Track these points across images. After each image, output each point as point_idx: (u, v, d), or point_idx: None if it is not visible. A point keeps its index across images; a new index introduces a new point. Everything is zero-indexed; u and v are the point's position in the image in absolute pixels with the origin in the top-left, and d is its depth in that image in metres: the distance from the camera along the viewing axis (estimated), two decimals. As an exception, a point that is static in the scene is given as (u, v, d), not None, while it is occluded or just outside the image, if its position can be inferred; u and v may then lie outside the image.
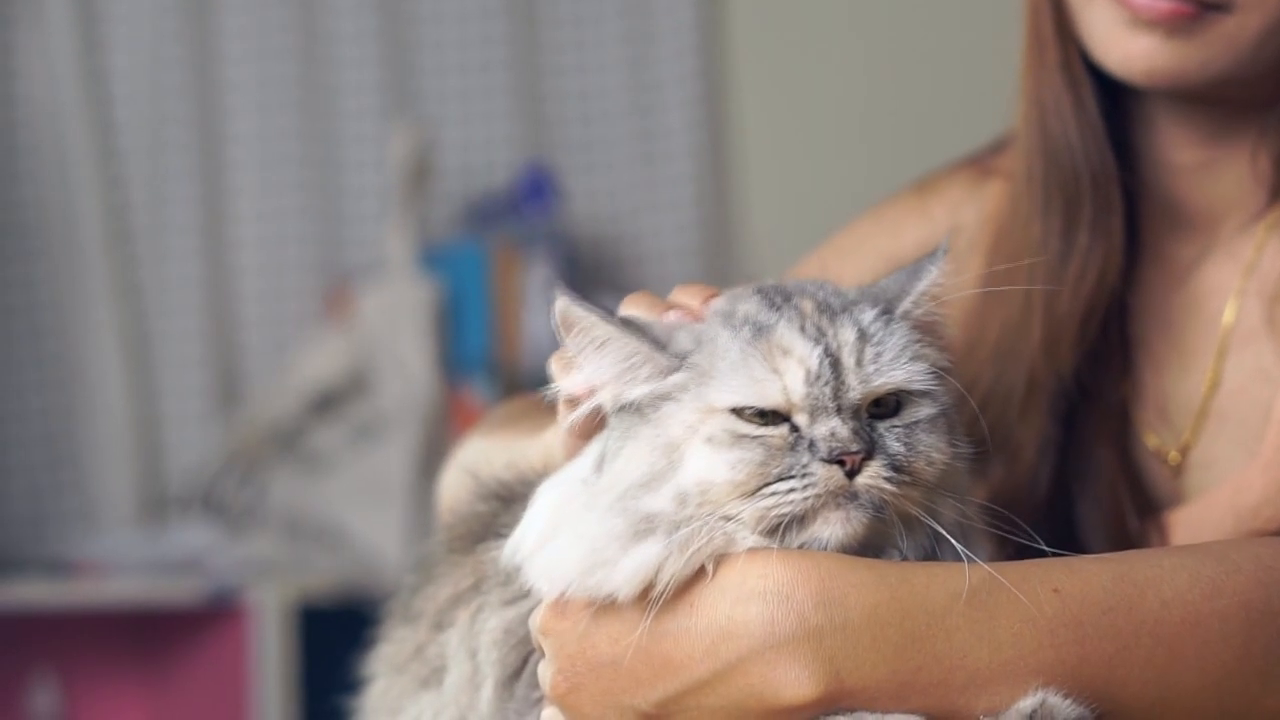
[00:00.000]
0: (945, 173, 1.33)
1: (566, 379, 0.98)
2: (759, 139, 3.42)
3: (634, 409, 0.95)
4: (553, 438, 1.11)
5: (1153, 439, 1.20)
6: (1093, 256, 1.18)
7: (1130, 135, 1.22)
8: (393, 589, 1.17)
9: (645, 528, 0.92)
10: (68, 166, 3.17)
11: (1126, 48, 1.13)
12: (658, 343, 0.95)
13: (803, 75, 3.39)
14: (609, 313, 0.96)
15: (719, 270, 3.24)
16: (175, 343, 3.22)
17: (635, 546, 0.92)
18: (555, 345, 1.00)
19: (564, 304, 0.96)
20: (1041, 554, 0.95)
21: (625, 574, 0.92)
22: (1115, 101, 1.20)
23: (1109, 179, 1.19)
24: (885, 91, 3.36)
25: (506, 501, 1.08)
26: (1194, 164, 1.20)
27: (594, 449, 0.98)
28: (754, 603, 0.90)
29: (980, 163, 1.31)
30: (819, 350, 0.93)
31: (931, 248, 1.01)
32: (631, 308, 1.00)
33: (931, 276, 0.98)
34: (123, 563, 2.95)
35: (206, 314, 3.23)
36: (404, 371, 2.97)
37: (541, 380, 1.02)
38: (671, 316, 0.98)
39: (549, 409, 1.19)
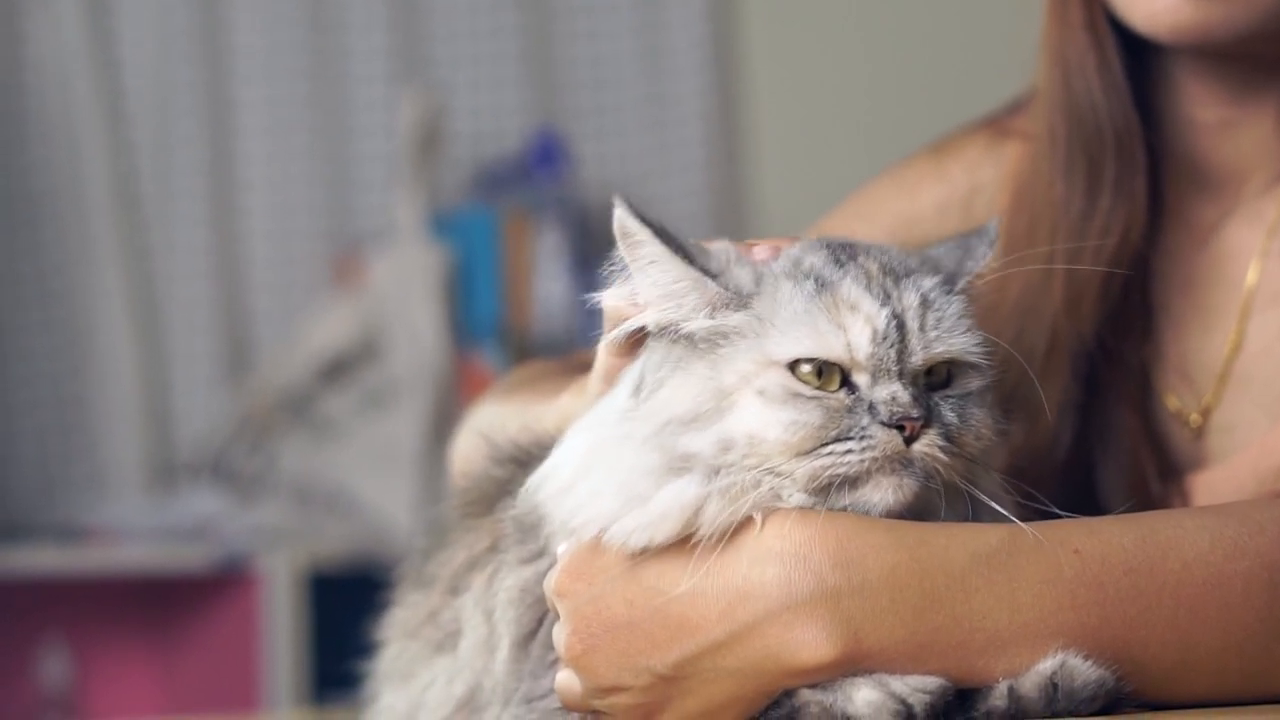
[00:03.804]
0: (962, 133, 1.32)
1: (613, 289, 0.96)
2: (770, 104, 3.40)
3: (684, 340, 0.94)
4: (569, 402, 1.10)
5: (1174, 401, 1.19)
6: (1115, 216, 1.17)
7: (1153, 94, 1.21)
8: (403, 555, 1.16)
9: (681, 465, 0.92)
10: (76, 133, 3.17)
11: (1151, 4, 1.12)
12: (709, 272, 0.94)
13: (814, 39, 3.38)
14: (665, 231, 0.94)
15: (730, 236, 3.22)
16: (185, 309, 3.22)
17: (670, 482, 0.91)
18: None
19: (621, 213, 0.94)
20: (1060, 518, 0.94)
21: (660, 510, 0.91)
22: (1139, 59, 1.19)
23: (1133, 138, 1.18)
24: (898, 56, 3.35)
25: (523, 465, 1.07)
26: (1218, 122, 1.19)
27: (630, 374, 0.97)
28: (771, 564, 0.89)
29: (997, 123, 1.30)
30: (886, 311, 0.92)
31: (968, 218, 1.00)
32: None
33: (986, 260, 0.98)
34: (133, 529, 2.95)
35: (216, 280, 3.22)
36: (414, 338, 2.96)
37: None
38: (758, 252, 0.96)
39: (564, 374, 1.18)
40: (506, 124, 3.30)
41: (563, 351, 2.48)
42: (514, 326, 3.02)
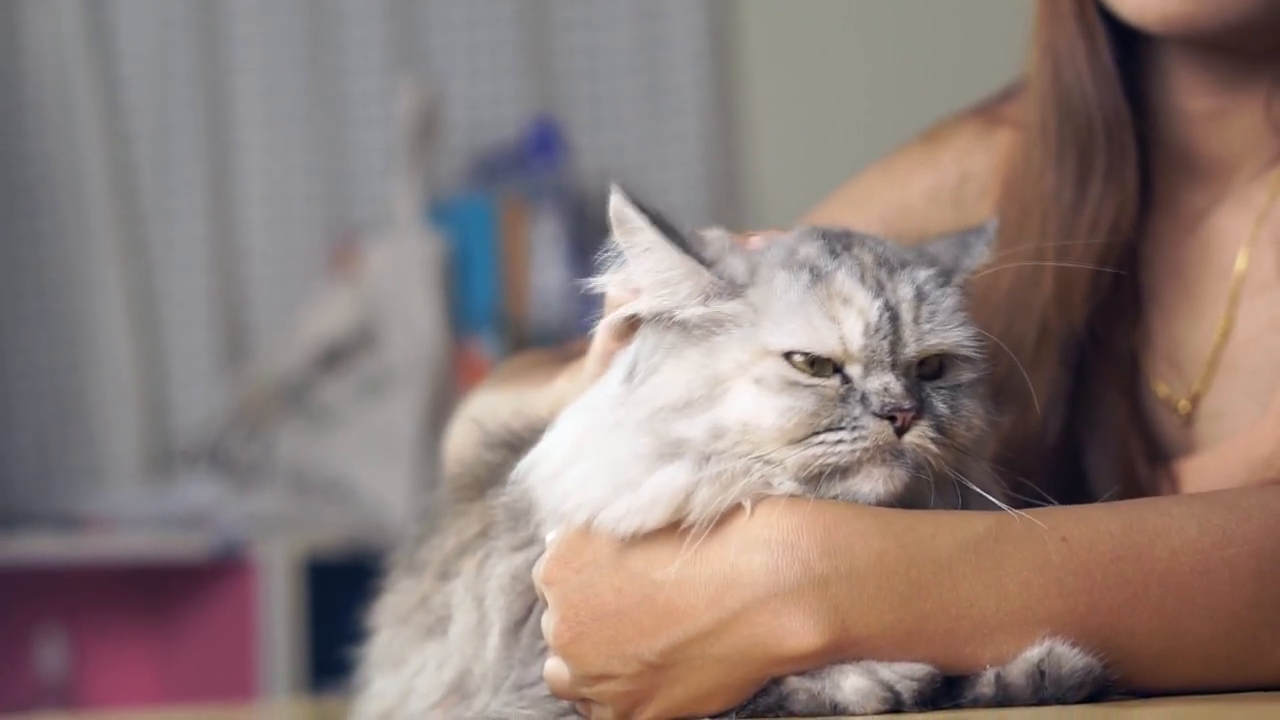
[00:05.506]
0: (952, 122, 1.32)
1: (609, 275, 0.97)
2: (767, 95, 3.40)
3: (678, 326, 0.94)
4: (563, 386, 1.10)
5: (1163, 388, 1.19)
6: (1106, 206, 1.17)
7: (1143, 83, 1.21)
8: (399, 543, 1.16)
9: (672, 451, 0.92)
10: (74, 123, 3.16)
11: None
12: (704, 260, 0.94)
13: (812, 30, 3.38)
14: (661, 219, 0.95)
15: (726, 226, 3.22)
16: (182, 299, 3.22)
17: (661, 468, 0.92)
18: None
19: (618, 200, 0.95)
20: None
21: (650, 495, 0.91)
22: (1128, 49, 1.19)
23: (1123, 128, 1.18)
24: (895, 48, 3.34)
25: (514, 449, 1.07)
26: (1208, 112, 1.19)
27: (623, 361, 0.97)
28: (758, 551, 0.90)
29: (988, 111, 1.30)
30: (880, 303, 0.92)
31: (958, 206, 1.01)
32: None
33: (983, 258, 0.99)
34: (130, 517, 2.95)
35: (213, 270, 3.22)
36: (411, 326, 2.96)
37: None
38: (755, 242, 0.96)
39: (559, 363, 1.18)
40: (503, 113, 3.30)
41: (559, 340, 2.48)
42: (511, 315, 3.02)
